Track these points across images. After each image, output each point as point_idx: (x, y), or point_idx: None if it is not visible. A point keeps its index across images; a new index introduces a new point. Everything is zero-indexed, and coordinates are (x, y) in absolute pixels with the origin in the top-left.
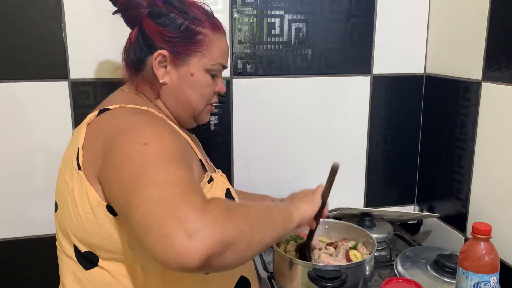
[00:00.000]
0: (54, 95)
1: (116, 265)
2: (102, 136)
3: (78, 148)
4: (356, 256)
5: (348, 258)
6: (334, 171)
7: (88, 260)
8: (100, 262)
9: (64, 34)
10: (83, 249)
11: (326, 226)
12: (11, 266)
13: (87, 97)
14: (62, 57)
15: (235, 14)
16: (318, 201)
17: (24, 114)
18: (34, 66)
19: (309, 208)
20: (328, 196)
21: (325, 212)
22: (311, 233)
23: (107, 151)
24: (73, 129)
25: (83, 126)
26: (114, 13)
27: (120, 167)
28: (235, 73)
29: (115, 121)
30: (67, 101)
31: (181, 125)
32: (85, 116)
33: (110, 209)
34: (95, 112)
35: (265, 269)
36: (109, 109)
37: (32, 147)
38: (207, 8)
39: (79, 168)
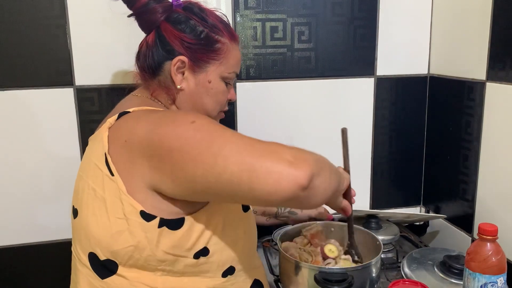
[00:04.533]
0: (60, 102)
1: (136, 272)
2: (134, 138)
3: (105, 154)
4: (331, 250)
5: (324, 255)
6: (344, 135)
7: (105, 268)
8: (120, 270)
9: (69, 41)
10: (102, 257)
11: (332, 229)
12: (23, 272)
13: (92, 104)
14: (67, 64)
15: (238, 19)
16: (347, 174)
17: (31, 121)
18: (39, 73)
19: (346, 176)
20: (348, 166)
21: (353, 191)
22: (350, 225)
23: (152, 148)
24: (78, 135)
25: (104, 130)
26: (129, 16)
27: (181, 147)
28: (239, 77)
29: (142, 121)
30: (72, 107)
31: None
32: (91, 122)
33: (144, 215)
34: (115, 116)
35: (272, 272)
36: (129, 111)
37: (39, 153)
38: (224, 18)
39: (112, 174)
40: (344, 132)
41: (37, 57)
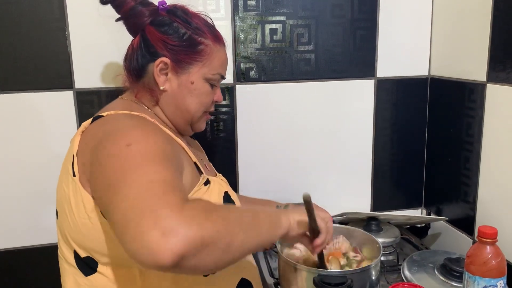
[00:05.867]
0: (60, 105)
1: (114, 270)
2: (92, 142)
3: (73, 156)
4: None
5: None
6: (306, 202)
7: (88, 265)
8: (99, 268)
9: (68, 44)
10: (82, 254)
11: None
12: (28, 274)
13: (92, 106)
14: (67, 67)
15: (238, 21)
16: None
17: (31, 123)
18: (39, 76)
19: (298, 217)
20: (315, 225)
21: (318, 241)
22: (320, 259)
23: (94, 154)
24: None
25: (77, 134)
26: (117, 20)
27: (104, 167)
28: (238, 79)
29: (104, 127)
30: (72, 110)
31: (180, 133)
32: None
33: (103, 213)
34: (89, 120)
35: (271, 275)
36: (102, 116)
37: (39, 156)
38: (209, 21)
39: (74, 175)
40: (305, 199)
41: (37, 60)
